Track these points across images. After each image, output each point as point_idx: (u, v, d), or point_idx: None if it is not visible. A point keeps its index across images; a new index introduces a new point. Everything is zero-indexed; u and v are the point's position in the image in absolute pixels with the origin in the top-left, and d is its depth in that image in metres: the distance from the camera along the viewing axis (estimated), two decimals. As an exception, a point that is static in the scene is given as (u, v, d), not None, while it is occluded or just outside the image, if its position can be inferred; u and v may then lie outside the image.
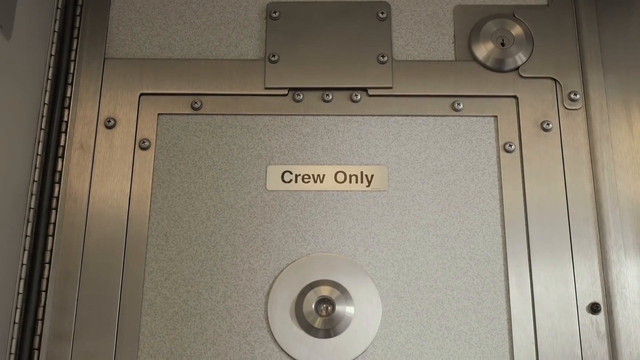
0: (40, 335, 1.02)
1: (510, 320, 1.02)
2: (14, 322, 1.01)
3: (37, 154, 1.09)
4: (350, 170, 1.10)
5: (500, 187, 1.09)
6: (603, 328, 1.02)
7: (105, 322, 1.02)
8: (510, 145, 1.10)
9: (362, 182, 1.10)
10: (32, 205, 1.07)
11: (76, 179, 1.10)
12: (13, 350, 1.00)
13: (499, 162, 1.10)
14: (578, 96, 1.12)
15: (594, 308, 1.02)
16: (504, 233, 1.07)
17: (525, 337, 1.01)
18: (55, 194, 1.09)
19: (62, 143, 1.11)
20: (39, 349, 1.01)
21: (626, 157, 1.10)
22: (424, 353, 1.02)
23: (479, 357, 1.01)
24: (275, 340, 1.02)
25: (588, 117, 1.12)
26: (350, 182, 1.10)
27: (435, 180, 1.10)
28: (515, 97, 1.13)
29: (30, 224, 1.06)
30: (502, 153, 1.11)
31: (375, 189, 1.09)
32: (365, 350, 1.02)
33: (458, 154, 1.11)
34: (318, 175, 1.10)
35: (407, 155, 1.11)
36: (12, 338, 1.00)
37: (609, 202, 1.07)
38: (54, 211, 1.08)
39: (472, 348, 1.02)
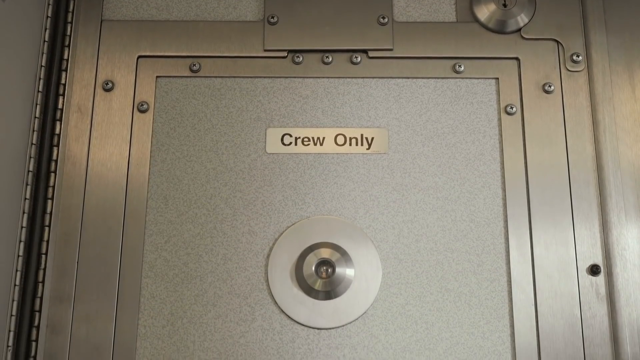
0: (41, 298, 1.02)
1: (510, 281, 1.03)
2: (15, 285, 1.01)
3: (35, 117, 1.08)
4: (350, 132, 1.10)
5: (501, 150, 1.08)
6: (603, 289, 1.02)
7: (105, 284, 1.03)
8: (512, 108, 1.10)
9: (362, 144, 1.09)
10: (31, 169, 1.06)
11: (75, 142, 1.09)
12: (14, 312, 1.00)
13: (500, 125, 1.10)
14: (580, 58, 1.11)
15: (593, 270, 1.02)
16: (505, 195, 1.06)
17: (525, 298, 1.02)
18: (54, 157, 1.08)
19: (59, 106, 1.11)
20: (39, 311, 1.02)
21: (628, 119, 1.09)
22: (424, 314, 1.02)
23: (478, 318, 1.01)
24: (276, 302, 1.02)
25: (590, 79, 1.11)
26: (350, 144, 1.09)
27: (435, 143, 1.09)
28: (517, 59, 1.12)
29: (29, 187, 1.05)
30: (503, 115, 1.10)
31: (375, 152, 1.09)
32: (365, 312, 1.02)
33: (459, 116, 1.10)
34: (318, 138, 1.09)
35: (408, 117, 1.10)
36: (13, 300, 1.01)
37: (610, 165, 1.06)
38: (52, 174, 1.08)
39: (472, 309, 1.02)
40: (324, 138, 1.09)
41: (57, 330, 1.01)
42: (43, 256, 1.04)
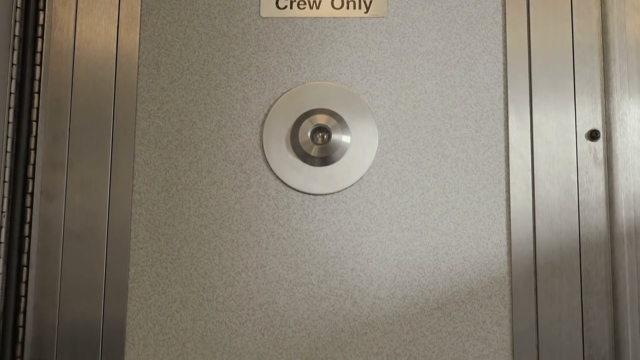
0: (34, 165, 1.01)
1: (508, 147, 1.01)
2: (6, 152, 1.00)
3: (18, -21, 1.03)
4: (347, -4, 1.05)
5: (504, 13, 1.04)
6: (601, 154, 1.01)
7: (98, 152, 1.01)
8: (516, -31, 1.05)
9: (360, 8, 1.05)
10: (17, 33, 1.02)
11: (61, 6, 1.05)
12: (7, 179, 1.00)
13: (503, -13, 1.05)
14: None
15: (592, 135, 1.01)
16: (506, 60, 1.03)
17: (522, 163, 1.01)
18: (40, 21, 1.04)
19: (43, -32, 1.06)
20: (33, 178, 1.01)
21: (637, -19, 1.05)
22: (419, 180, 1.01)
23: (474, 184, 1.01)
24: (271, 169, 1.01)
25: (600, -61, 1.05)
26: (347, 8, 1.05)
27: (436, 6, 1.05)
28: None
29: (16, 52, 1.02)
30: (508, -23, 1.05)
31: (373, 15, 1.05)
32: (361, 178, 1.01)
33: (461, -22, 1.05)
34: (314, 1, 1.05)
35: (408, -20, 1.06)
36: (5, 167, 1.00)
37: (615, 28, 1.03)
38: (40, 40, 1.04)
39: (469, 175, 1.01)
40: (320, 1, 1.05)
41: (52, 196, 1.01)
42: (34, 123, 1.02)
